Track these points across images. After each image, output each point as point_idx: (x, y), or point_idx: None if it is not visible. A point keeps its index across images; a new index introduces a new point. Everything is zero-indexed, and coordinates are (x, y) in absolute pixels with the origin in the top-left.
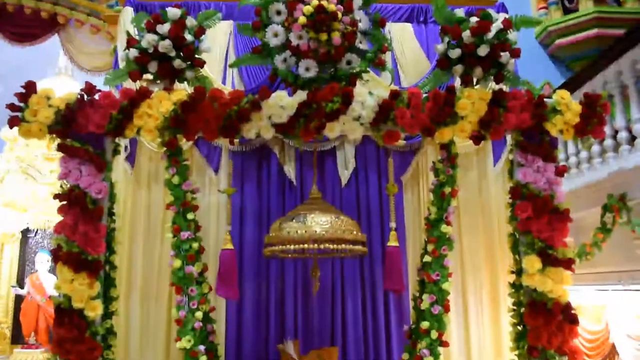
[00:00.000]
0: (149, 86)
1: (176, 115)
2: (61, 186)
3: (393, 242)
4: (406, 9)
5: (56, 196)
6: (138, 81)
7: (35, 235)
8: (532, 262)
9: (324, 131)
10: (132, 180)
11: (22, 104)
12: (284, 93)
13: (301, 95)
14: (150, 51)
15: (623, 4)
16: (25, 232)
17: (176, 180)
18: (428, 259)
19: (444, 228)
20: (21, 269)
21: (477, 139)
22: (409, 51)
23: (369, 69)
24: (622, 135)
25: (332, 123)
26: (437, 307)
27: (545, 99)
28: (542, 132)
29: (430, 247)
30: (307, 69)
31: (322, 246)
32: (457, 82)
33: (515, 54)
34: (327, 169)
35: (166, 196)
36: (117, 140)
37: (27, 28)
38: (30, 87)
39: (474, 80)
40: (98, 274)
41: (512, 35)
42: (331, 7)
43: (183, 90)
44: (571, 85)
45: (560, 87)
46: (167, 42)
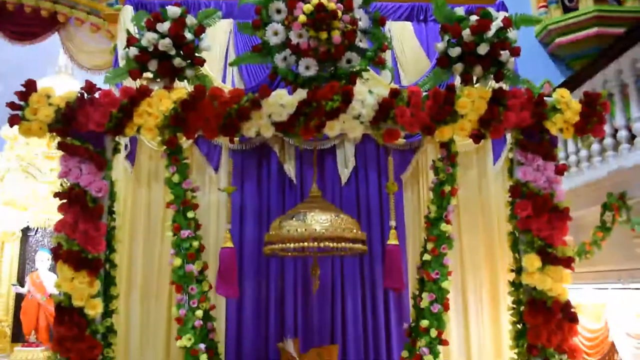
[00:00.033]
0: (149, 85)
1: (176, 114)
2: (61, 184)
3: (393, 241)
4: (406, 8)
5: (56, 194)
6: (138, 80)
7: (35, 233)
8: (532, 261)
9: (324, 130)
10: (132, 178)
11: (22, 103)
12: (284, 91)
13: (301, 94)
14: (150, 50)
15: (623, 3)
16: (26, 231)
17: (176, 178)
18: (428, 257)
19: (443, 227)
20: (21, 267)
21: (477, 137)
22: (409, 50)
23: (369, 68)
24: (622, 134)
25: (332, 121)
26: (436, 305)
27: (545, 98)
28: (542, 130)
29: (430, 246)
30: (307, 68)
31: (322, 244)
32: (457, 81)
33: (515, 52)
34: (327, 167)
35: (166, 194)
36: (117, 139)
37: (27, 27)
38: (31, 86)
39: (474, 78)
40: (98, 272)
41: (512, 33)
42: (331, 5)
43: (183, 88)
44: (571, 84)
45: (560, 86)
46: (167, 40)
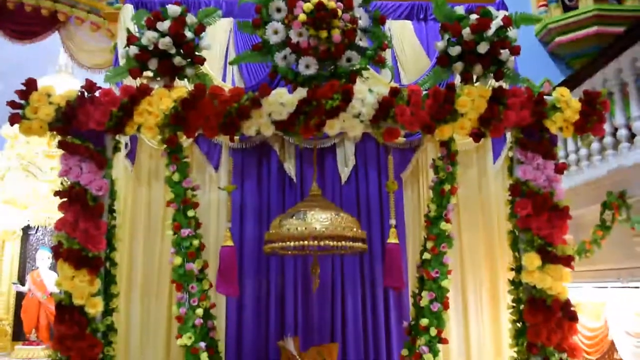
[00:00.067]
0: (149, 83)
1: (176, 113)
2: (62, 183)
3: (393, 239)
4: (406, 7)
5: (57, 193)
6: (138, 78)
7: (36, 232)
8: (532, 260)
9: (324, 128)
10: (133, 177)
11: (22, 101)
12: (284, 90)
13: (301, 93)
14: (151, 48)
15: (623, 2)
16: (26, 230)
17: (176, 177)
18: (427, 256)
19: (443, 225)
20: (22, 266)
21: (476, 136)
22: (409, 48)
23: (369, 67)
24: (622, 132)
25: (332, 120)
26: (436, 304)
27: (545, 97)
28: (542, 129)
29: (430, 245)
30: (307, 67)
31: (322, 243)
32: (457, 80)
33: (515, 51)
34: (327, 166)
35: (166, 193)
36: (117, 138)
37: (27, 25)
38: (31, 85)
39: (474, 77)
40: (98, 271)
41: (512, 32)
42: (331, 4)
43: (183, 87)
44: (571, 83)
45: (560, 85)
46: (167, 39)
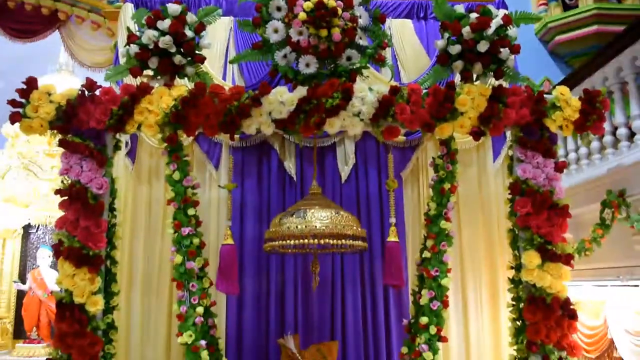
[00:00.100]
0: (149, 82)
1: (176, 111)
2: (62, 182)
3: (393, 238)
4: (406, 5)
5: (57, 192)
6: (138, 77)
7: (36, 230)
8: (532, 258)
9: (324, 127)
10: (133, 175)
11: (23, 100)
12: (284, 89)
13: (301, 91)
14: (151, 47)
15: (622, 1)
16: (27, 228)
17: (177, 176)
18: (427, 254)
19: (443, 224)
20: (23, 264)
21: (476, 134)
22: (409, 47)
23: (369, 65)
24: (622, 131)
25: (332, 119)
26: (436, 302)
27: (544, 95)
28: (542, 128)
29: (430, 243)
30: (307, 65)
31: (322, 241)
32: (457, 78)
33: (515, 50)
34: (327, 164)
35: (167, 192)
36: (117, 136)
37: (27, 24)
38: (31, 83)
39: (474, 76)
40: (99, 269)
41: (511, 31)
42: (331, 3)
43: (183, 86)
44: (571, 82)
45: (560, 84)
46: (168, 38)
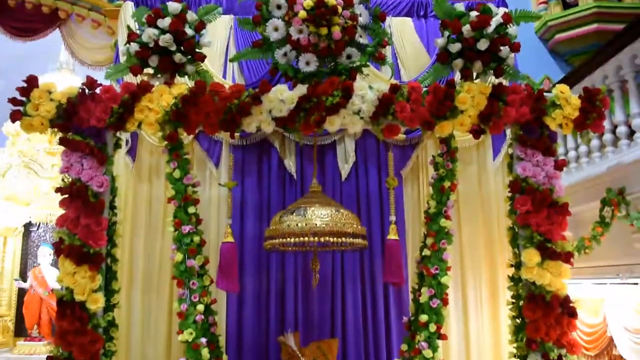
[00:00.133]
0: (149, 80)
1: (177, 109)
2: (63, 180)
3: (393, 236)
4: (406, 3)
5: (58, 190)
6: (139, 75)
7: (37, 229)
8: (531, 256)
9: (324, 125)
10: (134, 174)
11: (23, 98)
12: (284, 87)
13: (301, 89)
14: (151, 45)
15: None
16: (28, 226)
17: (177, 174)
18: (427, 252)
19: (443, 222)
20: (24, 262)
21: (476, 132)
22: (409, 45)
23: (369, 63)
24: (621, 129)
25: (332, 117)
26: (435, 300)
27: (544, 93)
28: (542, 126)
29: (430, 241)
30: (307, 63)
31: (322, 239)
32: (457, 76)
33: (515, 48)
34: (327, 162)
35: (167, 190)
36: (118, 134)
37: (28, 23)
38: (32, 82)
39: (474, 74)
40: (100, 267)
41: (512, 29)
42: (331, 1)
43: (184, 84)
44: (571, 80)
45: (560, 82)
46: (168, 36)
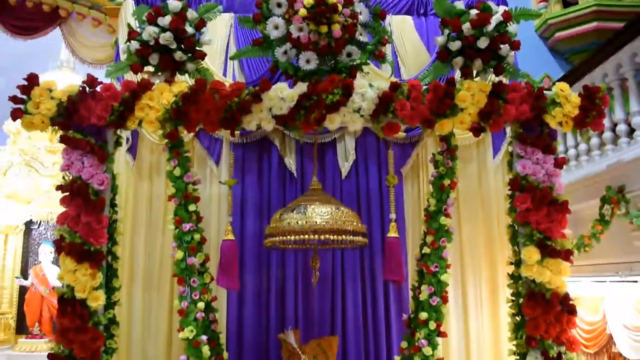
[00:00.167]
0: (150, 78)
1: (177, 107)
2: (64, 178)
3: (393, 233)
4: (406, 2)
5: (59, 188)
6: (139, 73)
7: (38, 227)
8: (531, 254)
9: (324, 123)
10: (134, 171)
11: (24, 97)
12: (284, 85)
13: (301, 87)
14: (151, 43)
15: None
16: (29, 224)
17: (177, 172)
18: (427, 250)
19: (443, 220)
20: (25, 260)
21: (476, 130)
22: (409, 43)
23: (369, 61)
24: (621, 127)
25: (333, 115)
26: (435, 298)
27: (544, 91)
28: (542, 124)
29: (429, 239)
30: (307, 61)
31: (322, 237)
32: (457, 74)
33: (515, 46)
34: (327, 160)
35: (168, 188)
36: (118, 132)
37: (28, 21)
38: (33, 80)
39: (474, 72)
40: (100, 264)
41: (512, 27)
42: None
43: (184, 82)
44: (570, 78)
45: (560, 80)
46: (168, 34)
